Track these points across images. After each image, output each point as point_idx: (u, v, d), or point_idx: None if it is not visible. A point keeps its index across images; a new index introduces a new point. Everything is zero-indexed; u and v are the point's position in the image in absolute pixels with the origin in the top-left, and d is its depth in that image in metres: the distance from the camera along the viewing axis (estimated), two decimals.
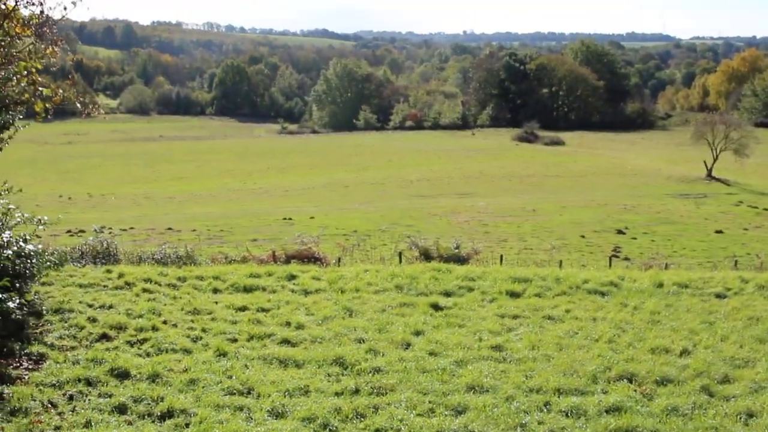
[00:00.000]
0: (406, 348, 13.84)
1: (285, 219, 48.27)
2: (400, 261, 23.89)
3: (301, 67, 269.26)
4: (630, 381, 12.40)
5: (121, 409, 10.79)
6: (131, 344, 13.40)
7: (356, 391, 11.73)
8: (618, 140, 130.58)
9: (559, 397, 11.69)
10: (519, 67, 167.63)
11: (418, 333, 14.71)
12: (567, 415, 11.12)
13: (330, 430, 10.54)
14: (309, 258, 22.30)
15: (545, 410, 11.25)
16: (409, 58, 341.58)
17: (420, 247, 24.64)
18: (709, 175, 76.74)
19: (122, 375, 11.89)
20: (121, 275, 17.65)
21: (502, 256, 26.64)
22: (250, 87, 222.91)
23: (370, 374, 12.40)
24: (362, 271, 19.68)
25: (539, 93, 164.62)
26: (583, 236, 43.75)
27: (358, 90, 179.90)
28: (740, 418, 11.13)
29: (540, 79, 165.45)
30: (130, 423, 10.50)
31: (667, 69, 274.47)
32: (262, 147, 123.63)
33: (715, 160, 78.11)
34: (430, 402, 11.40)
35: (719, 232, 46.77)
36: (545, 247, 38.82)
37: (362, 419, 10.83)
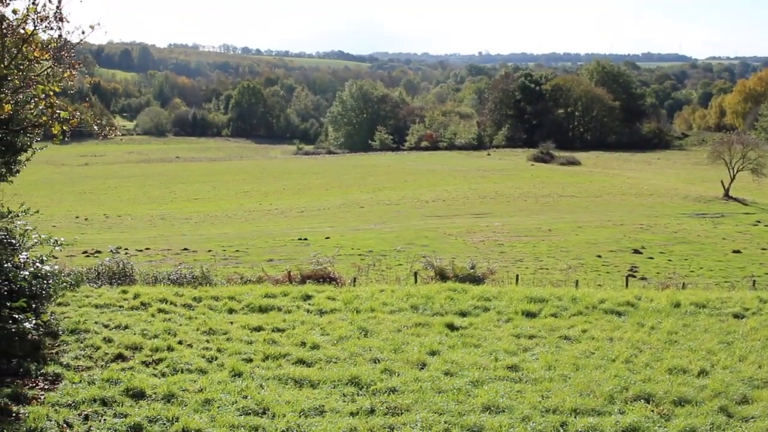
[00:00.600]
0: (422, 368, 13.78)
1: (300, 239, 48.36)
2: (416, 281, 23.86)
3: (317, 89, 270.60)
4: (647, 401, 12.30)
5: (137, 429, 10.77)
6: (147, 364, 13.41)
7: (371, 411, 11.68)
8: (634, 160, 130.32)
9: (575, 417, 11.60)
10: (534, 87, 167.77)
11: (433, 353, 14.65)
12: None
13: None
14: (324, 278, 22.31)
15: (562, 430, 11.17)
16: (424, 79, 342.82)
17: (435, 267, 24.60)
18: (727, 194, 76.39)
19: (137, 395, 11.88)
20: (136, 296, 17.70)
21: (517, 276, 26.59)
22: (266, 108, 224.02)
23: (385, 394, 12.35)
24: (378, 291, 19.64)
25: (555, 113, 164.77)
26: (599, 256, 43.59)
27: (374, 111, 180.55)
28: None
29: (555, 99, 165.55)
30: None
31: (684, 89, 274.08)
32: (278, 168, 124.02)
33: (732, 180, 77.79)
34: (445, 422, 11.33)
35: (737, 251, 46.49)
36: (561, 267, 38.70)
37: None
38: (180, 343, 14.61)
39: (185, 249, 43.91)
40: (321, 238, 48.98)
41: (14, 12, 12.16)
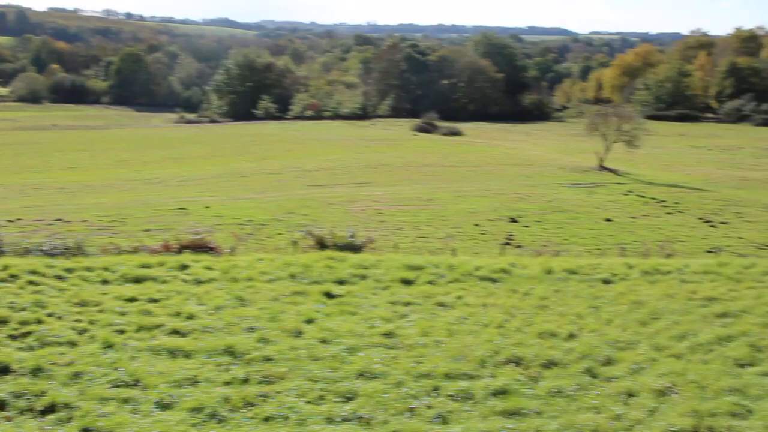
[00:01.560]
0: (298, 336, 13.82)
1: (180, 209, 47.56)
2: (295, 250, 23.83)
3: (202, 57, 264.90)
4: (517, 364, 12.67)
5: (0, 405, 10.47)
6: (13, 338, 13.03)
7: (246, 380, 11.68)
8: (515, 131, 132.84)
9: (447, 381, 11.86)
10: (420, 58, 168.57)
11: (310, 321, 14.70)
12: (455, 399, 11.32)
13: (218, 419, 10.48)
14: (202, 247, 22.02)
15: (434, 395, 11.42)
16: (311, 48, 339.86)
17: (315, 236, 24.61)
18: (601, 165, 78.66)
19: (2, 370, 11.55)
20: (5, 267, 17.11)
21: (396, 244, 26.86)
22: (148, 76, 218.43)
23: (260, 363, 12.36)
24: (256, 260, 19.54)
25: (439, 84, 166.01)
26: (477, 225, 44.38)
27: (259, 80, 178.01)
28: (621, 398, 11.50)
29: (441, 70, 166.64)
30: (8, 419, 10.21)
31: (565, 62, 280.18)
32: (159, 136, 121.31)
33: (607, 151, 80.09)
34: (320, 389, 11.42)
35: (608, 220, 48.08)
36: (440, 236, 39.27)
37: (251, 408, 10.80)
38: (50, 315, 14.23)
39: (59, 219, 42.61)
40: (201, 208, 48.28)
41: None
